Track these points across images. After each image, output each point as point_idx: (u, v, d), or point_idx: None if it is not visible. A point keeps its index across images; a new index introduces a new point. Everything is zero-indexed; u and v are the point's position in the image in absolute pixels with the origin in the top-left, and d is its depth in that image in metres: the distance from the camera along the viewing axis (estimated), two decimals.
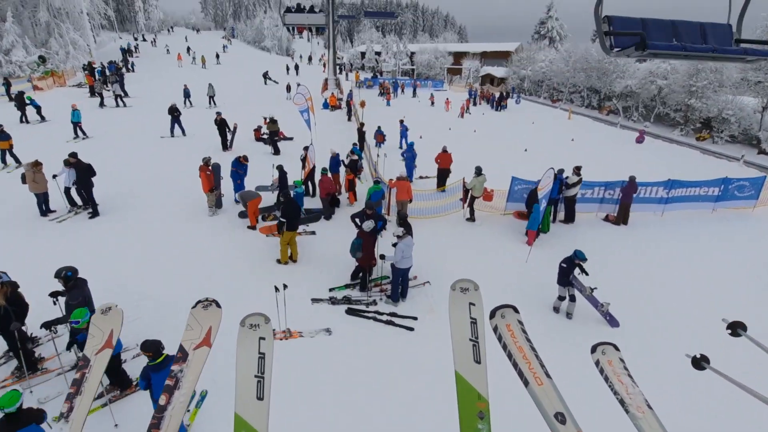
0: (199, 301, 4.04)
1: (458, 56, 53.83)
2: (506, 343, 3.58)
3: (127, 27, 70.06)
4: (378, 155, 13.28)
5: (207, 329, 4.02)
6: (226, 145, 15.62)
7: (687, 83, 24.42)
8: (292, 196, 8.28)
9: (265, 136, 16.85)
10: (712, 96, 23.44)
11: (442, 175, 13.14)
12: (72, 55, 34.74)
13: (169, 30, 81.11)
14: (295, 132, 18.40)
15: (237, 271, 8.31)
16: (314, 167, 11.68)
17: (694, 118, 24.78)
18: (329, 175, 10.65)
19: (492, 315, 3.81)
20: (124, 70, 35.13)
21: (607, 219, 11.87)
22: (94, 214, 9.74)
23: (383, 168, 13.34)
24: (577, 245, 10.39)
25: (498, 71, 44.25)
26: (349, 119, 23.73)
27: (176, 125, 16.97)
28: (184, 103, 22.15)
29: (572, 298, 7.28)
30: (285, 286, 6.04)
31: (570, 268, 7.10)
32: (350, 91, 26.07)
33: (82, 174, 9.38)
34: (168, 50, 50.94)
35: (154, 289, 7.47)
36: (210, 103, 22.91)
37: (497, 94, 30.79)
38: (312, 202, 11.59)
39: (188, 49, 51.73)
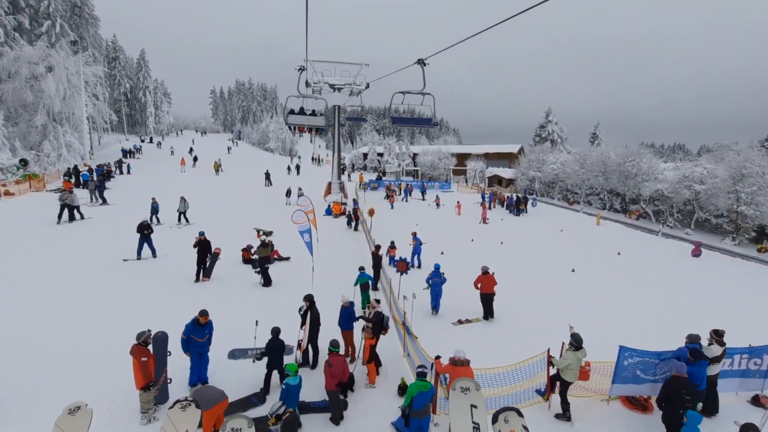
0: (177, 401, 4.06)
1: (461, 157, 53.93)
2: None
3: (137, 129, 72.17)
4: (406, 297, 9.60)
5: None
6: (200, 275, 12.06)
7: (733, 188, 22.12)
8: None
9: (255, 257, 13.43)
10: (765, 202, 20.93)
11: (487, 301, 10.84)
12: (64, 157, 33.28)
13: (177, 133, 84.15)
14: (293, 250, 15.11)
15: None
16: (318, 326, 7.96)
17: (747, 226, 22.00)
18: (340, 351, 6.84)
19: (494, 419, 3.84)
20: (117, 172, 33.42)
21: (757, 402, 7.84)
22: None
23: (411, 314, 9.58)
24: None
25: (506, 172, 43.26)
26: (356, 228, 20.76)
27: (145, 245, 13.67)
28: (150, 219, 17.78)
29: None
30: None
31: None
32: (355, 200, 23.57)
33: None
34: (172, 151, 50.70)
35: None
36: (179, 220, 18.79)
37: (514, 197, 28.53)
38: (311, 378, 7.62)
39: (191, 150, 51.58)
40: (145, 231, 13.52)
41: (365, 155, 64.24)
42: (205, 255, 12.04)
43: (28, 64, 31.87)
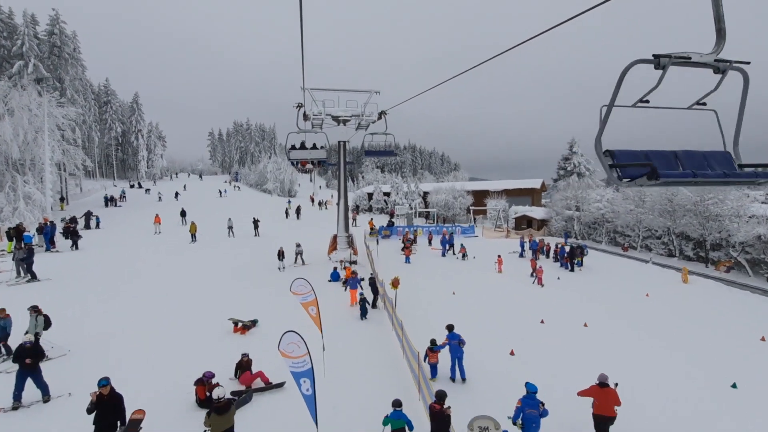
0: None
1: (477, 195, 48.83)
2: None
3: (128, 174, 68.03)
4: None
5: None
6: None
7: None
8: None
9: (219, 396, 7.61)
10: None
11: (603, 427, 6.97)
12: (20, 211, 28.04)
13: (172, 176, 79.88)
14: (285, 372, 9.28)
15: None
16: None
17: None
18: None
19: None
20: (82, 225, 27.96)
21: None
22: None
23: None
24: None
25: (536, 212, 37.74)
26: (374, 305, 14.88)
27: (29, 381, 7.96)
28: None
29: None
30: None
31: None
32: (355, 277, 16.19)
33: None
34: (160, 197, 45.83)
35: None
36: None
37: (567, 247, 22.92)
38: None
39: (176, 194, 46.82)
40: (27, 360, 7.85)
41: (370, 195, 59.26)
42: (112, 426, 6.29)
43: None
